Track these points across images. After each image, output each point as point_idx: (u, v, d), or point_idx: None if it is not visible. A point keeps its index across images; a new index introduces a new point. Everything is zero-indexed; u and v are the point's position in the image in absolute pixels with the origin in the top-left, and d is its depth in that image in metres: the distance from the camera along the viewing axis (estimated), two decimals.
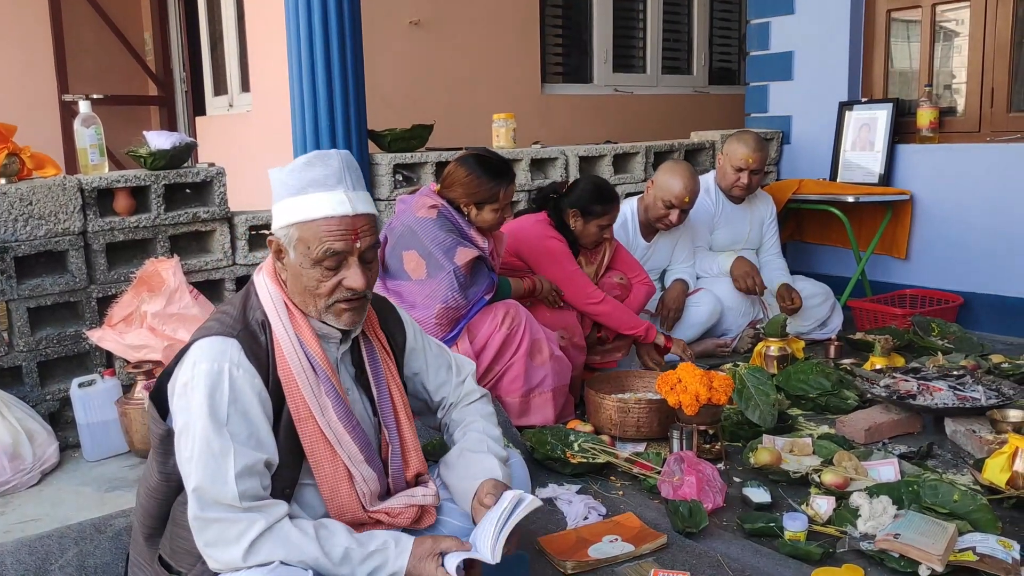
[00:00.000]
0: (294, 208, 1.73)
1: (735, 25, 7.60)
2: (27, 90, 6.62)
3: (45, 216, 2.98)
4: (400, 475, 1.90)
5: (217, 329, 1.72)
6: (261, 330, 1.75)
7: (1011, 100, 4.56)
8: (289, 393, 1.74)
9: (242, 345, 1.70)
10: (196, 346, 1.70)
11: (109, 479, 2.75)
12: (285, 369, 1.74)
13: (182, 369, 1.69)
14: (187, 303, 3.03)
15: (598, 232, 3.60)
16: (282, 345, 1.74)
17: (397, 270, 3.14)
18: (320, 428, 1.75)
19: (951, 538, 2.16)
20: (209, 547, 1.63)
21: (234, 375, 1.67)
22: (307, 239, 1.72)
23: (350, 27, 3.63)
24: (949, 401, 3.07)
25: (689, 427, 2.86)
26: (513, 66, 6.02)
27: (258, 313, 1.77)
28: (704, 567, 2.23)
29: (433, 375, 2.08)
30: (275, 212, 1.77)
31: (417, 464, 1.93)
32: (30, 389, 2.98)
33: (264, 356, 1.73)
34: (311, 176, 1.73)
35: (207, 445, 1.62)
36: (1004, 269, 4.48)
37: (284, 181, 1.75)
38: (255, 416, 1.68)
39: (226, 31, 6.15)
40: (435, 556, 1.67)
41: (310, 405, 1.74)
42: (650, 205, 4.00)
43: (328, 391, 1.77)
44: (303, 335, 1.77)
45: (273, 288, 1.79)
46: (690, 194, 3.89)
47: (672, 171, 3.93)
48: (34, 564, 2.17)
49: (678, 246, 4.23)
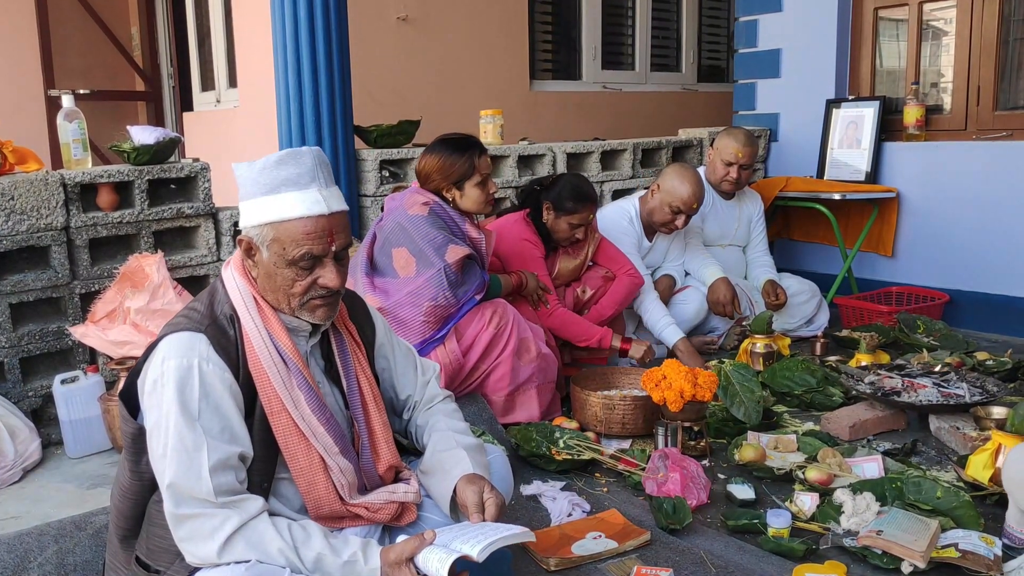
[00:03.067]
0: (267, 207, 1.71)
1: (723, 23, 7.61)
2: (13, 85, 6.58)
3: (27, 211, 2.96)
4: (371, 467, 1.89)
5: (185, 325, 1.70)
6: (230, 324, 1.74)
7: (997, 98, 4.58)
8: (261, 386, 1.73)
9: (210, 340, 1.69)
10: (164, 342, 1.68)
11: (91, 476, 2.74)
12: (256, 363, 1.73)
13: (151, 366, 1.68)
14: (171, 299, 3.02)
15: (568, 229, 3.55)
16: (252, 339, 1.73)
17: (386, 267, 3.13)
18: (294, 420, 1.75)
19: (934, 534, 2.17)
20: (185, 542, 1.62)
21: (204, 369, 1.65)
22: (283, 240, 1.71)
23: (336, 22, 3.62)
24: (933, 398, 3.08)
25: (674, 424, 2.86)
26: (501, 62, 6.01)
27: (226, 307, 1.75)
28: (687, 564, 2.23)
29: (400, 372, 2.08)
30: (244, 209, 1.75)
31: (389, 456, 1.92)
32: (12, 385, 2.96)
33: (234, 350, 1.72)
34: (284, 175, 1.71)
35: (180, 441, 1.61)
36: (989, 267, 4.50)
37: (255, 179, 1.73)
38: (227, 410, 1.67)
39: (213, 26, 6.12)
40: (405, 563, 1.64)
41: (282, 398, 1.73)
42: (655, 209, 3.96)
43: (300, 384, 1.76)
44: (272, 329, 1.76)
45: (242, 282, 1.78)
46: (698, 199, 3.87)
47: (680, 176, 3.88)
48: (13, 562, 2.16)
49: (673, 244, 4.23)
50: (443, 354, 3.06)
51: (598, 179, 4.65)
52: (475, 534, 1.66)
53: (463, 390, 3.15)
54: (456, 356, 3.07)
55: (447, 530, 1.73)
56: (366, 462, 1.88)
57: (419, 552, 1.64)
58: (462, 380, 3.13)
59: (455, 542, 1.65)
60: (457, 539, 1.66)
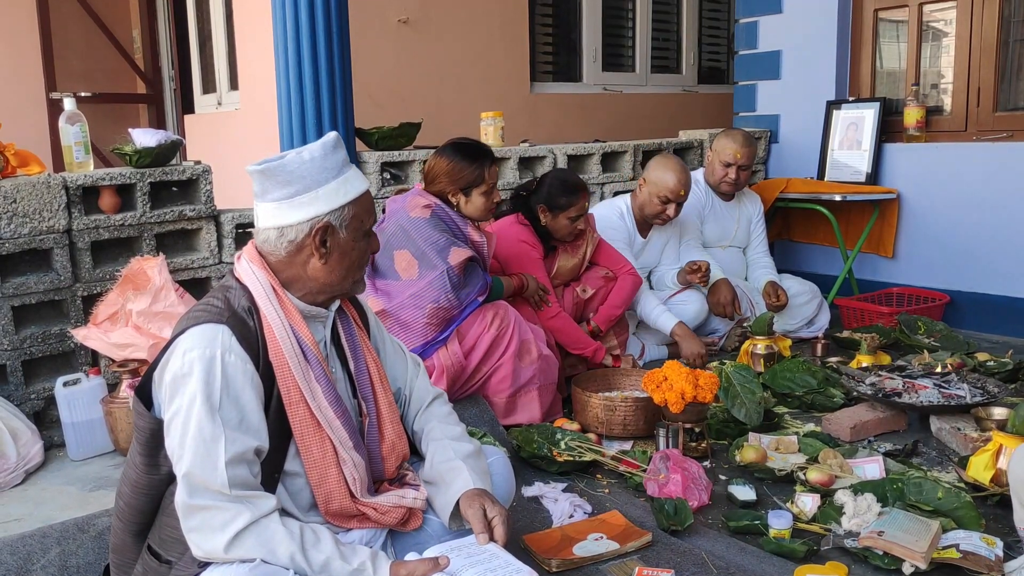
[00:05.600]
0: (343, 189, 1.79)
1: (724, 24, 7.62)
2: (14, 88, 6.58)
3: (29, 214, 2.97)
4: (376, 448, 1.91)
5: (206, 317, 1.71)
6: (249, 316, 1.75)
7: (997, 99, 4.58)
8: (280, 377, 1.75)
9: (233, 331, 1.70)
10: (186, 335, 1.69)
11: (93, 478, 2.74)
12: (277, 353, 1.74)
13: (172, 358, 1.68)
14: (173, 301, 3.02)
15: (569, 225, 3.57)
16: (274, 329, 1.75)
17: (387, 270, 3.13)
18: (311, 411, 1.76)
19: (935, 535, 2.17)
20: (193, 532, 1.63)
21: (227, 361, 1.67)
22: (360, 214, 1.82)
23: (337, 25, 3.62)
24: (934, 399, 3.08)
25: (675, 425, 2.86)
26: (502, 64, 6.02)
27: (243, 301, 1.76)
28: (689, 565, 2.23)
29: (391, 363, 2.10)
30: (317, 198, 1.76)
31: (392, 436, 1.94)
32: (14, 388, 2.96)
33: (254, 341, 1.73)
34: (340, 157, 1.81)
35: (199, 431, 1.62)
36: (990, 268, 4.50)
37: (320, 167, 1.77)
38: (247, 402, 1.68)
39: (215, 29, 6.13)
40: None
41: (301, 389, 1.75)
42: (645, 203, 3.99)
43: (319, 376, 1.79)
44: (293, 319, 1.79)
45: (261, 273, 1.79)
46: (684, 186, 3.90)
47: (664, 166, 3.93)
48: (16, 564, 2.16)
49: (668, 245, 4.23)
50: (445, 356, 3.07)
51: (599, 181, 4.65)
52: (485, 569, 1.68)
53: (465, 392, 3.15)
54: (458, 358, 3.08)
55: (456, 549, 1.76)
56: (371, 442, 1.90)
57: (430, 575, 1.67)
58: (464, 382, 3.13)
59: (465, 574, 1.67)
60: (467, 570, 1.68)
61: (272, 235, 1.78)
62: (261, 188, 1.77)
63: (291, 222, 1.76)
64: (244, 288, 1.79)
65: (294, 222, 1.76)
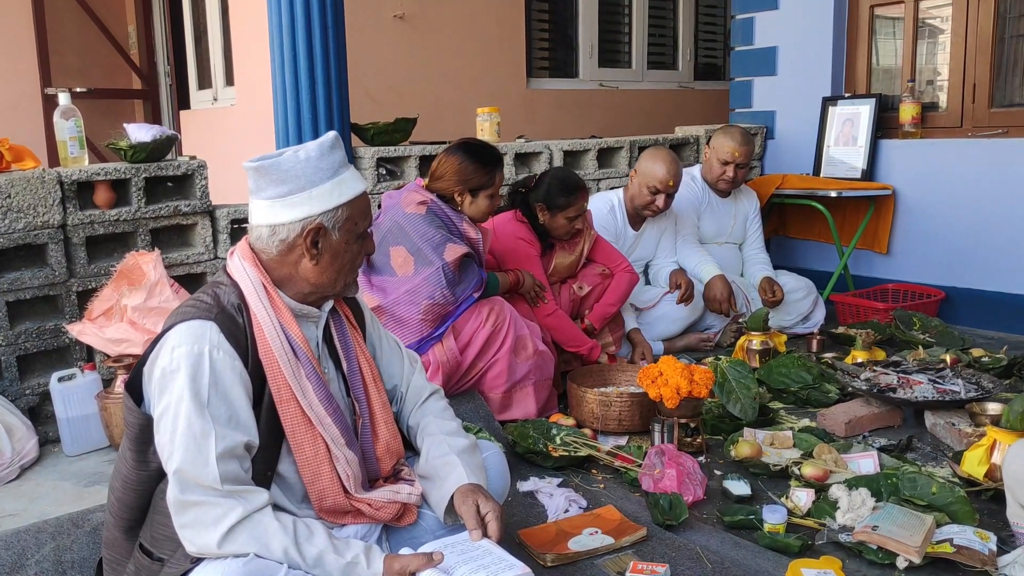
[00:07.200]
0: (338, 190, 1.78)
1: (720, 20, 7.62)
2: (9, 83, 6.56)
3: (24, 209, 2.96)
4: (371, 448, 1.91)
5: (194, 313, 1.71)
6: (238, 313, 1.74)
7: (993, 96, 4.59)
8: (270, 375, 1.74)
9: (221, 327, 1.70)
10: (174, 331, 1.69)
11: (89, 474, 2.74)
12: (266, 351, 1.74)
13: (160, 354, 1.68)
14: (168, 297, 3.01)
15: (567, 224, 3.57)
16: (263, 327, 1.75)
17: (383, 266, 3.13)
18: (302, 409, 1.76)
19: (929, 530, 2.18)
20: (186, 528, 1.63)
21: (214, 357, 1.67)
22: (354, 216, 1.81)
23: (333, 20, 3.61)
24: (929, 394, 3.09)
25: (670, 420, 2.87)
26: (498, 60, 6.01)
27: (233, 297, 1.76)
28: (683, 559, 2.23)
29: (387, 361, 2.09)
30: (310, 198, 1.76)
31: (388, 436, 1.94)
32: (9, 383, 2.96)
33: (243, 338, 1.73)
34: (338, 157, 1.80)
35: (189, 427, 1.62)
36: (985, 264, 4.51)
37: (316, 167, 1.76)
38: (236, 398, 1.68)
39: (210, 25, 6.11)
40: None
41: (292, 387, 1.75)
42: (636, 194, 4.00)
43: (309, 374, 1.79)
44: (283, 317, 1.78)
45: (252, 271, 1.78)
46: (674, 177, 3.91)
47: (653, 157, 3.95)
48: (10, 559, 2.16)
49: (664, 238, 4.24)
50: (441, 352, 3.07)
51: (595, 177, 4.65)
52: (478, 565, 1.68)
53: (460, 387, 3.15)
54: (453, 354, 3.08)
55: (450, 545, 1.75)
56: (365, 443, 1.90)
57: (423, 570, 1.66)
58: (460, 377, 3.13)
59: (459, 571, 1.67)
60: (461, 566, 1.68)
61: (264, 233, 1.78)
62: (256, 185, 1.77)
63: (283, 221, 1.76)
64: (235, 285, 1.78)
65: (286, 221, 1.76)
